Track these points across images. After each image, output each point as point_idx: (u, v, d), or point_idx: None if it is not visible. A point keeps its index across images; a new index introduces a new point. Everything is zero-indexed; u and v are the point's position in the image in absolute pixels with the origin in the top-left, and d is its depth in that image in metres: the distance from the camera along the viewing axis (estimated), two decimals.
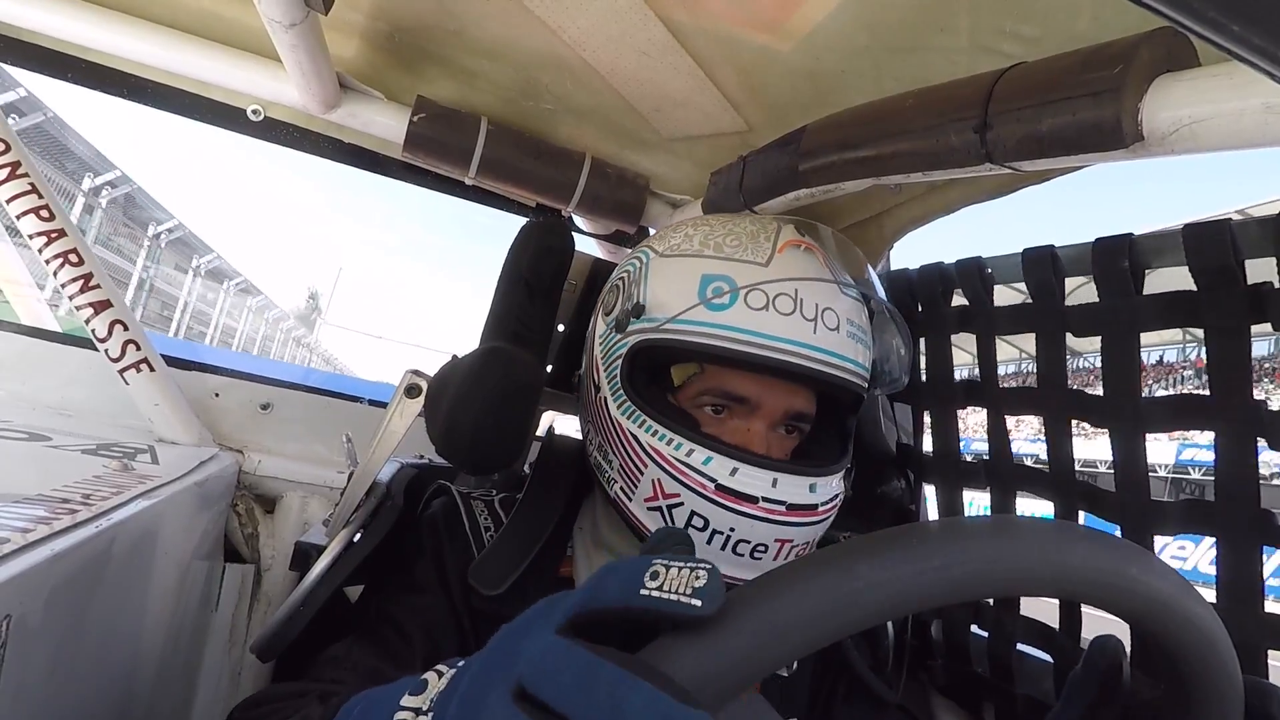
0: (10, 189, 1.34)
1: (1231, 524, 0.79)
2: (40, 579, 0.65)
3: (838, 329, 0.86)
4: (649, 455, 0.86)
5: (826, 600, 0.43)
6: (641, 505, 0.87)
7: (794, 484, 0.83)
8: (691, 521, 0.83)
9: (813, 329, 0.84)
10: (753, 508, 0.81)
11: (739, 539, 0.82)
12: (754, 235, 0.90)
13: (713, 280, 0.86)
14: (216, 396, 1.57)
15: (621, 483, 0.89)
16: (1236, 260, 0.78)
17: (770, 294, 0.84)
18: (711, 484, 0.82)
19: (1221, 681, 0.54)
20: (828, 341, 0.85)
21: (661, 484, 0.85)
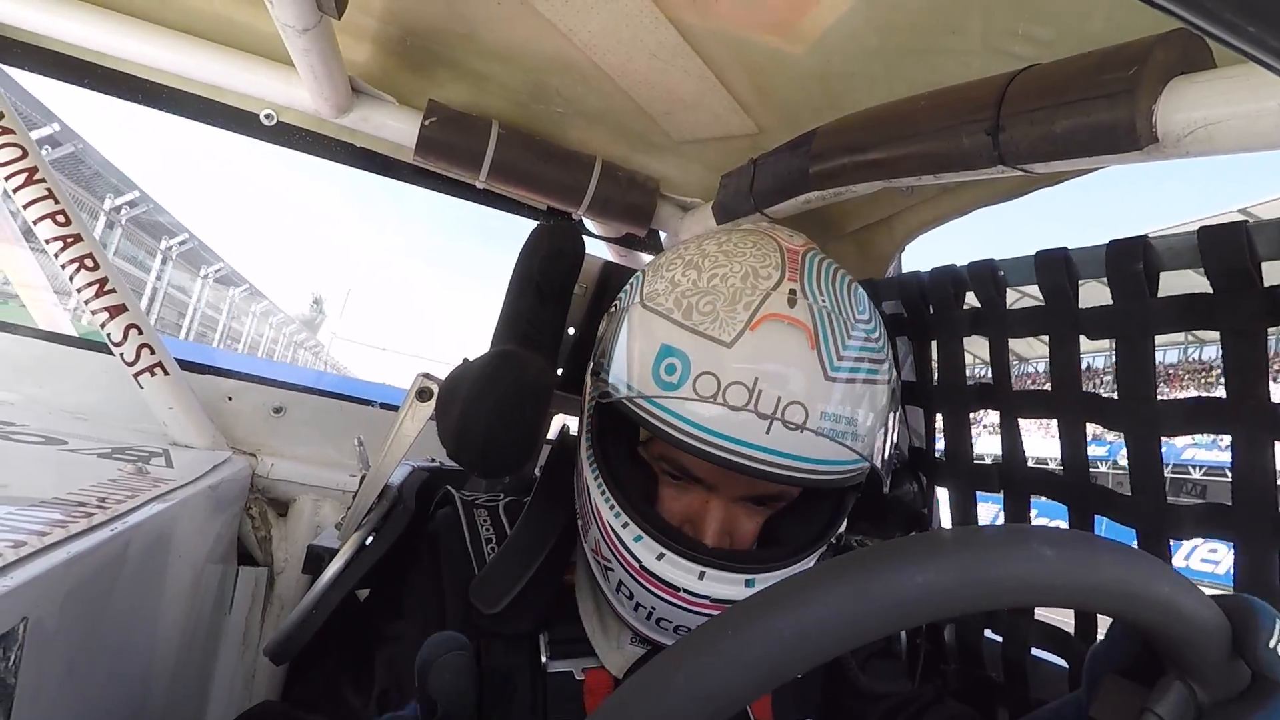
0: (27, 194, 1.35)
1: (1249, 527, 0.78)
2: (57, 581, 0.65)
3: (802, 425, 0.74)
4: (594, 513, 0.83)
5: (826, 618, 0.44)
6: (590, 553, 0.87)
7: (725, 579, 0.77)
8: (620, 589, 0.82)
9: (765, 428, 0.74)
10: (675, 596, 0.78)
11: (660, 617, 0.80)
12: (734, 298, 0.77)
13: (669, 354, 0.77)
14: (230, 400, 1.58)
15: (582, 521, 0.88)
16: (1253, 262, 0.77)
17: (723, 381, 0.74)
18: (637, 564, 0.79)
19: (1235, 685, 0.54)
20: (784, 443, 0.74)
21: (600, 546, 0.83)
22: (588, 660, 0.89)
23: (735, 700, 0.43)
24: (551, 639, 0.89)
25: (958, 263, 1.13)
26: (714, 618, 0.46)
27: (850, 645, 0.44)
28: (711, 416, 0.75)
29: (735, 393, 0.73)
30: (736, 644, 0.43)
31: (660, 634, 0.82)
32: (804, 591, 0.45)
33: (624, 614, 0.84)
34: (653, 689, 0.44)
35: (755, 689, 0.44)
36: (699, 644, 0.44)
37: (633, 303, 0.85)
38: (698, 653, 0.44)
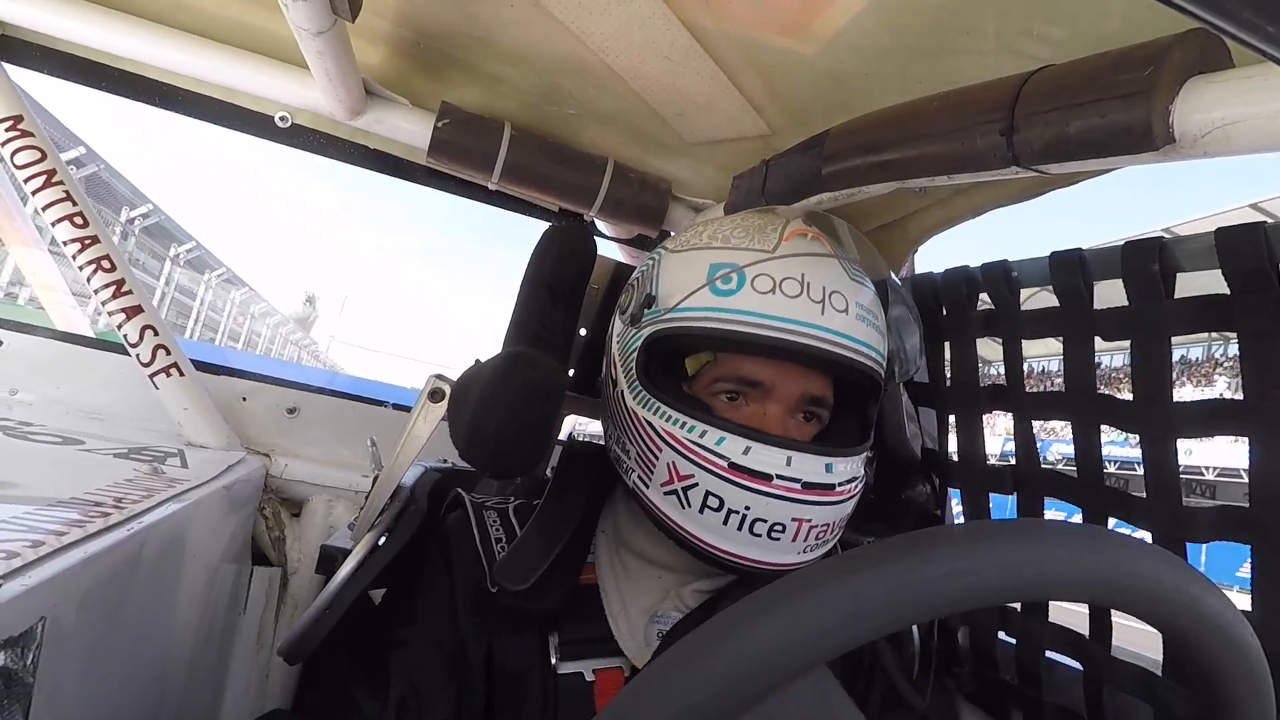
0: (46, 196, 1.37)
1: (1266, 530, 0.78)
2: (74, 581, 0.66)
3: (846, 311, 0.86)
4: (663, 439, 0.86)
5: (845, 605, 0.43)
6: (659, 490, 0.87)
7: (809, 462, 0.83)
8: (707, 502, 0.83)
9: (820, 310, 0.84)
10: (767, 485, 0.81)
11: (755, 518, 0.82)
12: (761, 227, 0.91)
13: (720, 268, 0.87)
14: (244, 400, 1.59)
15: (639, 471, 0.89)
16: (1271, 263, 0.76)
17: (777, 277, 0.85)
18: (725, 462, 0.82)
19: (1253, 691, 0.53)
20: (836, 323, 0.85)
21: (676, 467, 0.85)
22: (598, 661, 0.89)
23: (743, 698, 0.43)
24: (562, 640, 0.89)
25: (971, 264, 1.13)
26: (714, 618, 0.46)
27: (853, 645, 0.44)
28: (774, 307, 0.84)
29: (790, 285, 0.85)
30: (741, 643, 0.44)
31: (749, 544, 0.83)
32: (803, 590, 0.45)
33: (708, 537, 0.84)
34: (658, 689, 0.44)
35: (759, 688, 0.44)
36: (701, 644, 0.45)
37: (663, 256, 0.96)
38: (701, 652, 0.44)
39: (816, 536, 0.85)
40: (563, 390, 0.99)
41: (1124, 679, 0.92)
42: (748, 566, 0.84)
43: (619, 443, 0.94)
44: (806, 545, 0.85)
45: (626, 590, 0.93)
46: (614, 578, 0.94)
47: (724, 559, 0.84)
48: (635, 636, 0.90)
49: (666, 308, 0.90)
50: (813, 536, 0.85)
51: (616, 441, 0.95)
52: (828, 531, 0.86)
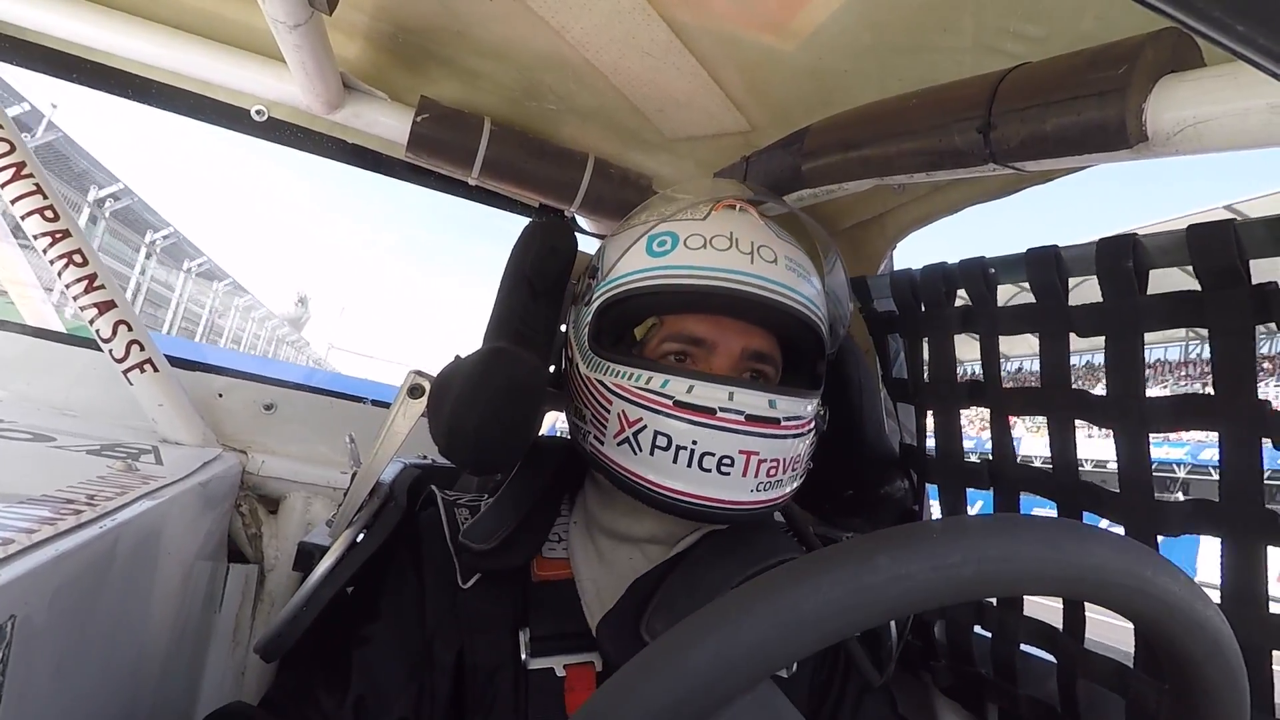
0: (15, 189, 1.34)
1: (1236, 524, 0.79)
2: (45, 579, 0.65)
3: (775, 261, 0.91)
4: (613, 393, 0.90)
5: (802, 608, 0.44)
6: (612, 443, 0.90)
7: (751, 396, 0.87)
8: (656, 442, 0.86)
9: (749, 260, 0.90)
10: (711, 419, 0.85)
11: (703, 451, 0.85)
12: (694, 203, 0.98)
13: (657, 237, 0.94)
14: (220, 397, 1.57)
15: (594, 430, 0.92)
16: (1241, 260, 0.77)
17: (707, 235, 0.91)
18: (670, 401, 0.86)
19: (1227, 684, 0.54)
20: (767, 271, 0.90)
21: (626, 414, 0.88)
22: (569, 656, 0.89)
23: (717, 696, 0.43)
24: (533, 636, 0.89)
25: (949, 260, 1.14)
26: (693, 615, 0.46)
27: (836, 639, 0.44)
28: (705, 259, 0.90)
29: (719, 241, 0.91)
30: (716, 641, 0.44)
31: (702, 481, 0.86)
32: (783, 586, 0.45)
33: (660, 479, 0.87)
34: (633, 688, 0.44)
35: (735, 685, 0.44)
36: (679, 641, 0.45)
37: (608, 239, 1.03)
38: (679, 647, 0.44)
39: (768, 473, 0.87)
40: (544, 386, 0.99)
41: (1097, 671, 0.93)
42: (701, 506, 0.86)
43: (577, 413, 0.97)
44: (759, 482, 0.87)
45: (601, 577, 0.93)
46: (588, 566, 0.94)
47: (679, 500, 0.86)
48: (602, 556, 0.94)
49: (611, 279, 0.95)
50: (763, 472, 0.87)
51: (575, 413, 0.98)
52: (778, 469, 0.89)
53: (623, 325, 0.96)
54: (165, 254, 21.25)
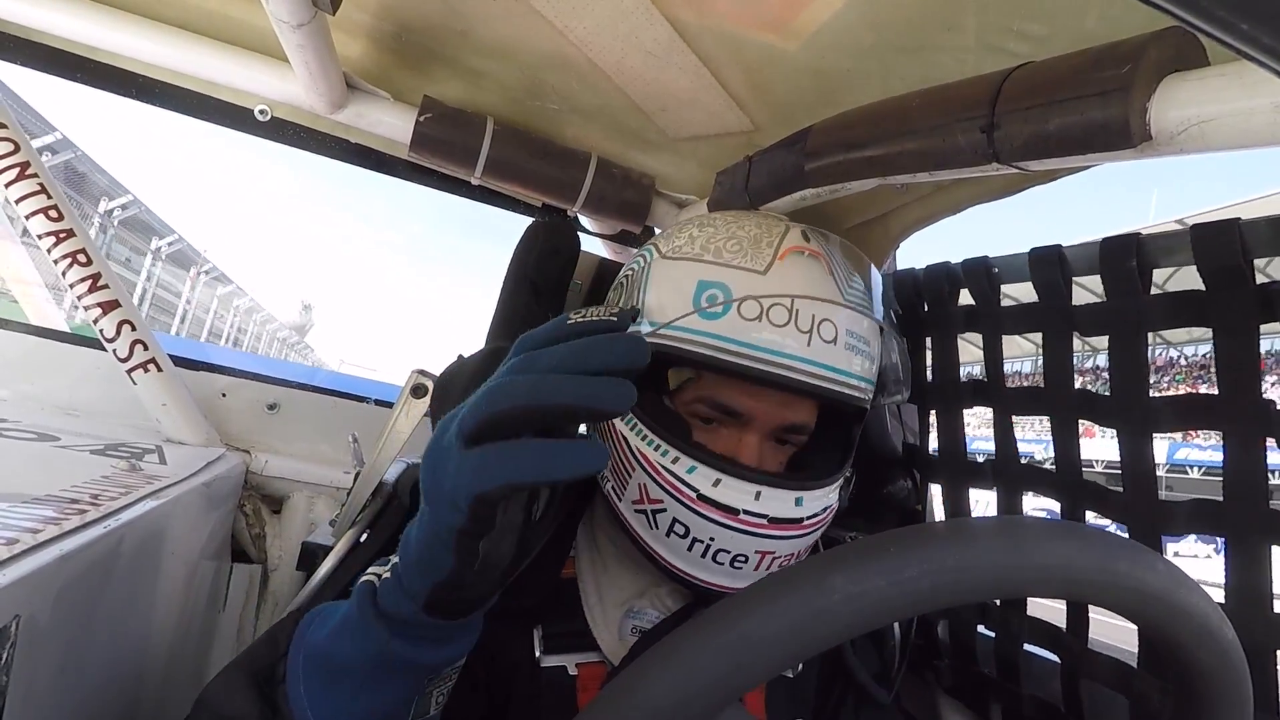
0: (20, 189, 1.35)
1: (1240, 525, 0.79)
2: (49, 579, 0.65)
3: (835, 341, 0.83)
4: (637, 459, 0.85)
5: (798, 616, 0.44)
6: (629, 506, 0.87)
7: (779, 497, 0.82)
8: (673, 528, 0.83)
9: (807, 341, 0.81)
10: (734, 519, 0.80)
11: (719, 549, 0.81)
12: (756, 240, 0.86)
13: (708, 287, 0.84)
14: (224, 397, 1.58)
15: (614, 481, 0.89)
16: (1245, 259, 0.77)
17: (765, 304, 0.82)
18: (694, 493, 0.81)
19: (1230, 683, 0.54)
20: (823, 355, 0.82)
21: (647, 489, 0.84)
22: (581, 655, 0.89)
23: (722, 695, 0.43)
24: (546, 633, 0.89)
25: (952, 259, 1.14)
26: (698, 615, 0.46)
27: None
28: (759, 336, 0.81)
29: (777, 313, 0.82)
30: (720, 643, 0.44)
31: (713, 571, 0.83)
32: (788, 586, 0.45)
33: (673, 559, 0.84)
34: (638, 687, 0.44)
35: (739, 685, 0.44)
36: (686, 641, 0.45)
37: (653, 259, 0.91)
38: (687, 649, 0.44)
39: (780, 564, 0.85)
40: None
41: (1101, 671, 0.93)
42: (707, 589, 0.84)
43: None
44: (769, 571, 0.84)
45: (604, 584, 0.93)
46: (592, 571, 0.94)
47: (687, 580, 0.84)
48: (610, 630, 0.90)
49: (653, 323, 0.87)
50: (775, 566, 0.84)
51: None
52: (791, 560, 0.86)
53: (658, 367, 0.88)
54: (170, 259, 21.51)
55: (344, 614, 0.61)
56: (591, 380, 0.51)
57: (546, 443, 0.51)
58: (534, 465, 0.50)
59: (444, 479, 0.53)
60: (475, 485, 0.51)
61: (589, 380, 0.51)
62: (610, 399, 0.51)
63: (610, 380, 0.51)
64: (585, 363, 0.52)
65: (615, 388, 0.51)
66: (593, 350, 0.52)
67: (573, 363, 0.52)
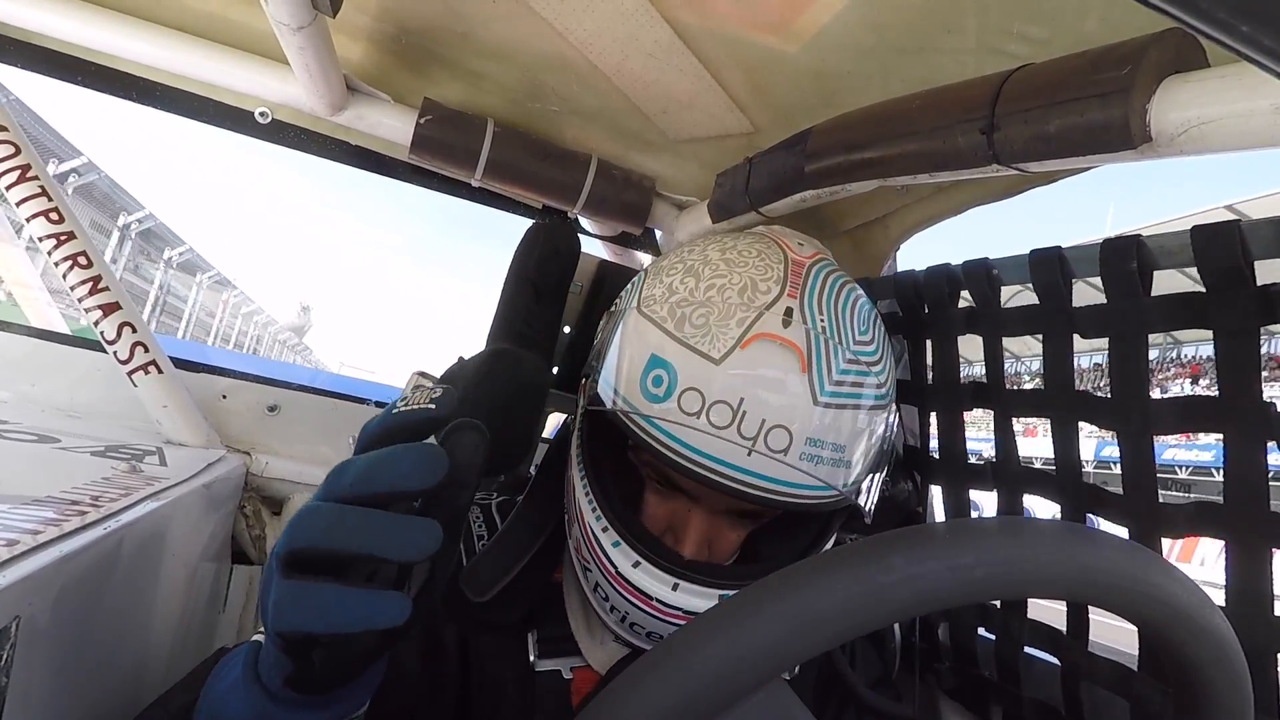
0: (20, 192, 1.35)
1: (1241, 527, 0.79)
2: (49, 580, 0.65)
3: (786, 451, 0.73)
4: (578, 513, 0.83)
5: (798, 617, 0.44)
6: (571, 548, 0.87)
7: (698, 593, 0.77)
8: (597, 589, 0.82)
9: (746, 452, 0.73)
10: (648, 605, 0.78)
11: (633, 622, 0.80)
12: (728, 313, 0.76)
13: (657, 365, 0.77)
14: (224, 398, 1.57)
15: (569, 517, 0.88)
16: (1246, 261, 0.77)
17: (709, 397, 0.73)
18: (614, 569, 0.79)
19: (1230, 686, 0.54)
20: (764, 468, 0.74)
21: (581, 546, 0.83)
22: (576, 659, 0.89)
23: (774, 665, 0.43)
24: (540, 637, 0.88)
25: (953, 261, 1.14)
26: (692, 620, 0.46)
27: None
28: (694, 435, 0.74)
29: (719, 412, 0.73)
30: (714, 649, 0.44)
31: (634, 638, 0.82)
32: (791, 587, 0.45)
33: (600, 614, 0.84)
34: (632, 693, 0.44)
35: (796, 654, 0.44)
36: (679, 647, 0.45)
37: (630, 306, 0.85)
38: (679, 654, 0.44)
39: None
40: (546, 388, 0.99)
41: (1101, 675, 0.93)
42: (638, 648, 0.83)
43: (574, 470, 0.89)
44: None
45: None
46: (576, 582, 0.93)
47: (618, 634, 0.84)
48: (594, 636, 0.90)
49: (601, 373, 0.83)
50: None
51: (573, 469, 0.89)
52: None
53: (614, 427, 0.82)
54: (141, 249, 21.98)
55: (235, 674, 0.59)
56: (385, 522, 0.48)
57: (336, 590, 0.48)
58: (320, 614, 0.48)
59: (264, 597, 0.52)
60: (275, 622, 0.49)
61: (383, 522, 0.48)
62: (398, 547, 0.48)
63: (406, 523, 0.48)
64: (374, 484, 0.49)
65: (409, 532, 0.48)
66: (382, 468, 0.49)
67: (364, 485, 0.49)
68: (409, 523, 0.48)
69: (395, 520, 0.48)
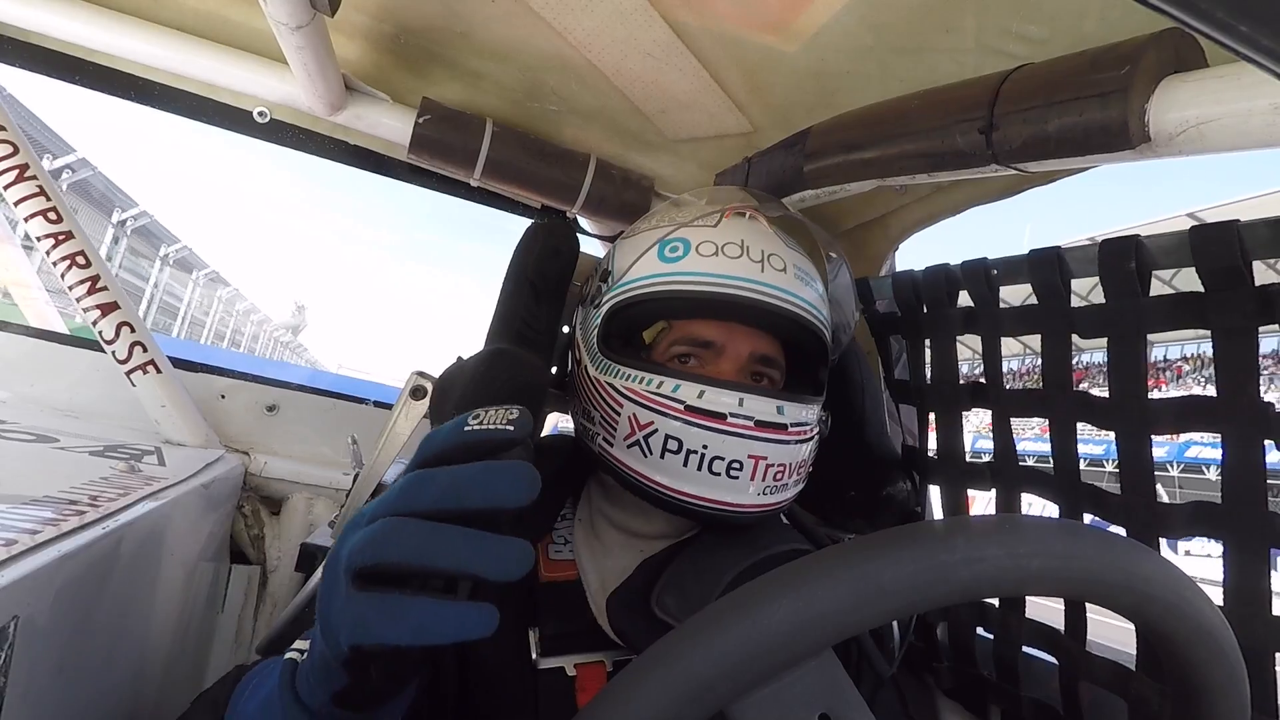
0: (18, 191, 1.35)
1: (1238, 526, 0.79)
2: (48, 580, 0.65)
3: (785, 270, 0.92)
4: (624, 396, 0.90)
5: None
6: (622, 445, 0.90)
7: (761, 402, 0.88)
8: (667, 445, 0.87)
9: (760, 269, 0.91)
10: (721, 424, 0.86)
11: (713, 455, 0.86)
12: (704, 210, 0.98)
13: (668, 242, 0.95)
14: (223, 398, 1.57)
15: (603, 432, 0.92)
16: (1244, 261, 0.77)
17: (719, 243, 0.92)
18: (681, 405, 0.87)
19: (1227, 684, 0.54)
20: (776, 279, 0.91)
21: (637, 418, 0.89)
22: (580, 655, 0.89)
23: (722, 696, 0.43)
24: (542, 635, 0.88)
25: (951, 261, 1.14)
26: (698, 614, 0.46)
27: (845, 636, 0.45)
28: (717, 266, 0.91)
29: (730, 249, 0.92)
30: (722, 638, 0.44)
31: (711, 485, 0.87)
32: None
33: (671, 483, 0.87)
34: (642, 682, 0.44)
35: (741, 683, 0.44)
36: (682, 639, 0.45)
37: (618, 241, 1.02)
38: (685, 646, 0.44)
39: (775, 477, 0.88)
40: (546, 388, 0.99)
41: (1099, 674, 0.93)
42: (709, 508, 0.87)
43: (585, 414, 0.97)
44: (766, 485, 0.88)
45: (607, 570, 0.93)
46: (593, 560, 0.94)
47: (687, 502, 0.87)
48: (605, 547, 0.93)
49: (622, 283, 0.95)
50: (770, 476, 0.88)
51: (583, 414, 0.98)
52: (785, 473, 0.90)
53: (632, 328, 0.96)
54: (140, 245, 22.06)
55: (267, 692, 0.58)
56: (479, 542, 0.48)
57: (431, 603, 0.48)
58: (413, 628, 0.47)
59: (330, 612, 0.51)
60: (352, 636, 0.49)
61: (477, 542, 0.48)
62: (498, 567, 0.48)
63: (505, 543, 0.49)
64: (466, 500, 0.49)
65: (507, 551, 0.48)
66: (475, 484, 0.49)
67: (454, 501, 0.49)
68: (507, 544, 0.48)
69: (496, 540, 0.48)
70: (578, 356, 1.01)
